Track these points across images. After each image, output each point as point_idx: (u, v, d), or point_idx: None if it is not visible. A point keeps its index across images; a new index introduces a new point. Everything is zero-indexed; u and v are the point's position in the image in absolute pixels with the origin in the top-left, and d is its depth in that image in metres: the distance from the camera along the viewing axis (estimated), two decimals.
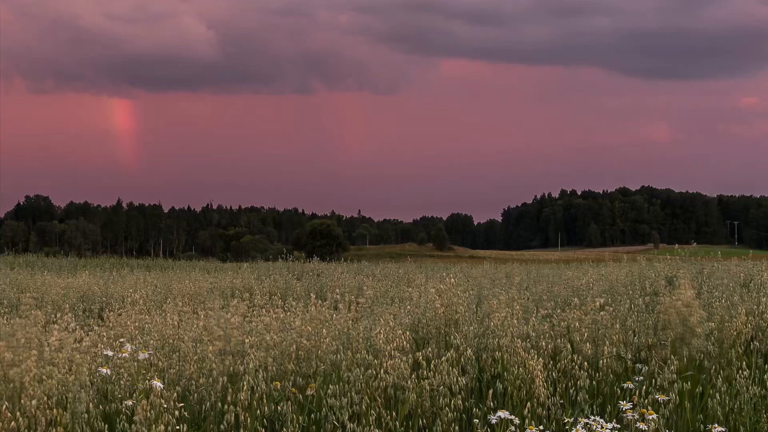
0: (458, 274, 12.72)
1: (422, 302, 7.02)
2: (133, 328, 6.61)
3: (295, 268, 23.22)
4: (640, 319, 7.44)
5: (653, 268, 12.02)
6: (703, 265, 14.46)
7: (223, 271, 23.09)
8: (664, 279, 10.78)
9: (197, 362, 5.65)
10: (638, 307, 8.04)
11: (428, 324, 6.62)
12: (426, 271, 22.37)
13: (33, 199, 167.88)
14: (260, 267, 25.27)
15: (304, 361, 5.91)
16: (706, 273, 12.50)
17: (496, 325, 6.38)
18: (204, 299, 11.58)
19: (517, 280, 10.77)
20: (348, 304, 6.93)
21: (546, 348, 6.29)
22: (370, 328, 6.47)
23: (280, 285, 15.16)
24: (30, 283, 14.75)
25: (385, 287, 13.12)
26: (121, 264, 31.72)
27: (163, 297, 11.90)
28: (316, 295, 8.23)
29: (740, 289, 9.75)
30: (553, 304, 8.68)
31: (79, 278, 15.68)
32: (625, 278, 11.25)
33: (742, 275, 12.03)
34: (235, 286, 14.66)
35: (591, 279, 11.24)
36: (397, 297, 10.68)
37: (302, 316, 6.35)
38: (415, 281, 14.40)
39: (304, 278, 17.79)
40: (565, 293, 10.12)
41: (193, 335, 6.04)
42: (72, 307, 11.15)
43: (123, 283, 14.85)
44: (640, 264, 12.83)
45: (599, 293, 9.14)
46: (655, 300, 8.33)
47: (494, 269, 18.60)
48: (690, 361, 6.27)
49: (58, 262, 32.82)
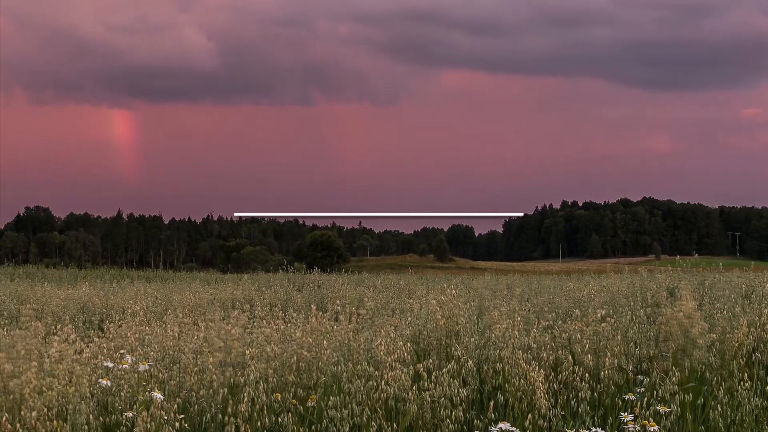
0: (459, 285, 12.70)
1: (423, 313, 7.00)
2: (134, 340, 6.59)
3: (296, 279, 23.20)
4: (641, 330, 7.42)
5: (655, 280, 11.99)
6: (704, 277, 14.44)
7: (223, 282, 23.06)
8: (666, 290, 10.75)
9: (198, 374, 5.64)
10: (640, 318, 8.02)
11: (429, 335, 6.60)
12: (427, 282, 22.34)
13: (33, 210, 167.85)
14: (261, 278, 25.24)
15: (304, 372, 5.89)
16: (707, 284, 12.48)
17: (497, 336, 6.37)
18: (204, 310, 11.57)
19: (518, 291, 10.75)
20: (349, 316, 6.92)
21: (547, 359, 6.28)
22: (371, 340, 6.46)
23: (281, 296, 15.14)
24: (30, 294, 14.73)
25: (386, 298, 13.11)
26: (121, 275, 31.69)
27: (163, 308, 11.89)
28: (316, 306, 8.22)
29: (742, 300, 9.73)
30: (555, 316, 8.67)
31: (80, 289, 15.67)
32: (626, 289, 11.23)
33: (743, 287, 12.00)
34: (235, 298, 14.64)
35: (592, 290, 11.23)
36: (398, 308, 10.67)
37: (303, 328, 6.34)
38: (416, 292, 14.38)
39: (305, 289, 17.77)
40: (566, 304, 10.10)
41: (193, 347, 6.03)
42: (72, 318, 11.14)
43: (123, 294, 14.83)
44: (641, 275, 12.81)
45: (600, 304, 9.12)
46: (656, 311, 8.32)
47: (495, 280, 18.58)
48: (691, 372, 6.25)
49: (58, 273, 32.79)
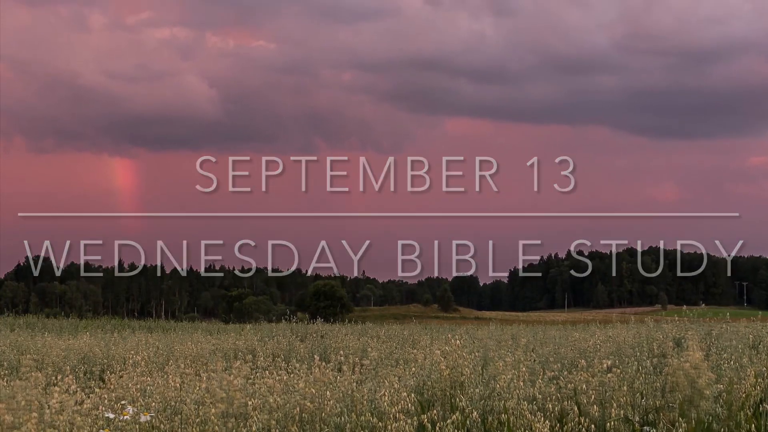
0: (463, 335, 12.61)
1: (427, 364, 6.94)
2: (135, 390, 6.53)
3: (299, 329, 23.03)
4: (647, 380, 7.33)
5: (661, 330, 11.89)
6: (711, 327, 14.30)
7: (225, 332, 22.89)
8: (672, 340, 10.66)
9: (200, 425, 5.56)
10: (646, 368, 7.93)
11: (433, 386, 6.54)
12: (431, 332, 22.16)
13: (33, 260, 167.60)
14: (263, 328, 25.07)
15: (307, 423, 5.82)
16: (714, 334, 12.35)
17: (502, 387, 6.30)
18: (206, 361, 11.46)
19: (523, 341, 10.66)
20: (352, 366, 6.86)
21: (552, 410, 6.20)
22: (375, 390, 6.39)
23: (284, 346, 15.02)
24: (30, 344, 14.64)
25: (390, 348, 12.99)
26: (122, 325, 31.52)
27: (165, 358, 11.79)
28: (319, 356, 8.15)
29: (749, 350, 9.63)
30: (560, 366, 8.56)
31: (80, 339, 15.57)
32: (632, 340, 11.13)
33: (751, 337, 11.87)
34: (238, 348, 14.52)
35: (598, 340, 11.13)
36: (401, 358, 10.56)
37: (306, 378, 6.28)
38: (420, 342, 14.26)
39: (308, 340, 17.63)
40: (571, 355, 10.00)
41: (195, 397, 5.96)
42: (73, 368, 11.04)
43: (124, 344, 14.73)
44: (647, 325, 12.71)
45: (606, 355, 9.04)
46: (662, 362, 8.23)
47: (500, 330, 18.42)
48: (698, 423, 6.15)
49: (58, 323, 32.61)
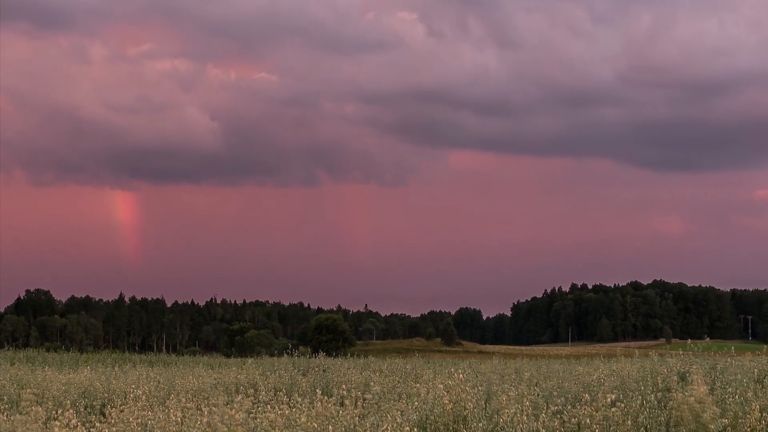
0: (467, 369, 12.55)
1: (430, 398, 6.90)
2: (136, 425, 6.49)
3: (301, 363, 22.88)
4: (652, 415, 7.27)
5: (665, 364, 11.80)
6: (716, 361, 14.20)
7: (227, 366, 22.76)
8: (677, 374, 10.57)
9: None
10: (650, 403, 7.87)
11: (436, 420, 6.48)
12: (434, 366, 22.01)
13: (33, 293, 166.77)
14: (265, 362, 24.92)
15: None
16: (719, 368, 12.26)
17: (505, 421, 6.25)
18: (208, 395, 11.39)
19: (526, 375, 10.58)
20: (354, 400, 6.81)
21: None
22: (377, 425, 6.34)
23: (286, 380, 14.92)
24: (30, 378, 14.57)
25: (393, 383, 12.91)
26: (123, 359, 31.35)
27: (166, 393, 11.72)
28: (322, 390, 8.12)
29: (754, 384, 9.56)
30: (564, 400, 8.51)
31: (81, 374, 15.50)
32: (636, 374, 11.05)
33: (755, 371, 11.79)
34: (239, 382, 14.44)
35: (602, 374, 11.06)
36: (404, 393, 10.50)
37: (308, 413, 6.25)
38: (422, 377, 14.18)
39: (310, 374, 17.52)
40: (575, 389, 9.93)
41: None
42: (73, 403, 10.98)
43: (125, 378, 14.66)
44: (652, 359, 12.61)
45: (610, 389, 8.98)
46: (667, 396, 8.17)
47: (503, 365, 18.30)
48: None
49: (59, 357, 32.47)
